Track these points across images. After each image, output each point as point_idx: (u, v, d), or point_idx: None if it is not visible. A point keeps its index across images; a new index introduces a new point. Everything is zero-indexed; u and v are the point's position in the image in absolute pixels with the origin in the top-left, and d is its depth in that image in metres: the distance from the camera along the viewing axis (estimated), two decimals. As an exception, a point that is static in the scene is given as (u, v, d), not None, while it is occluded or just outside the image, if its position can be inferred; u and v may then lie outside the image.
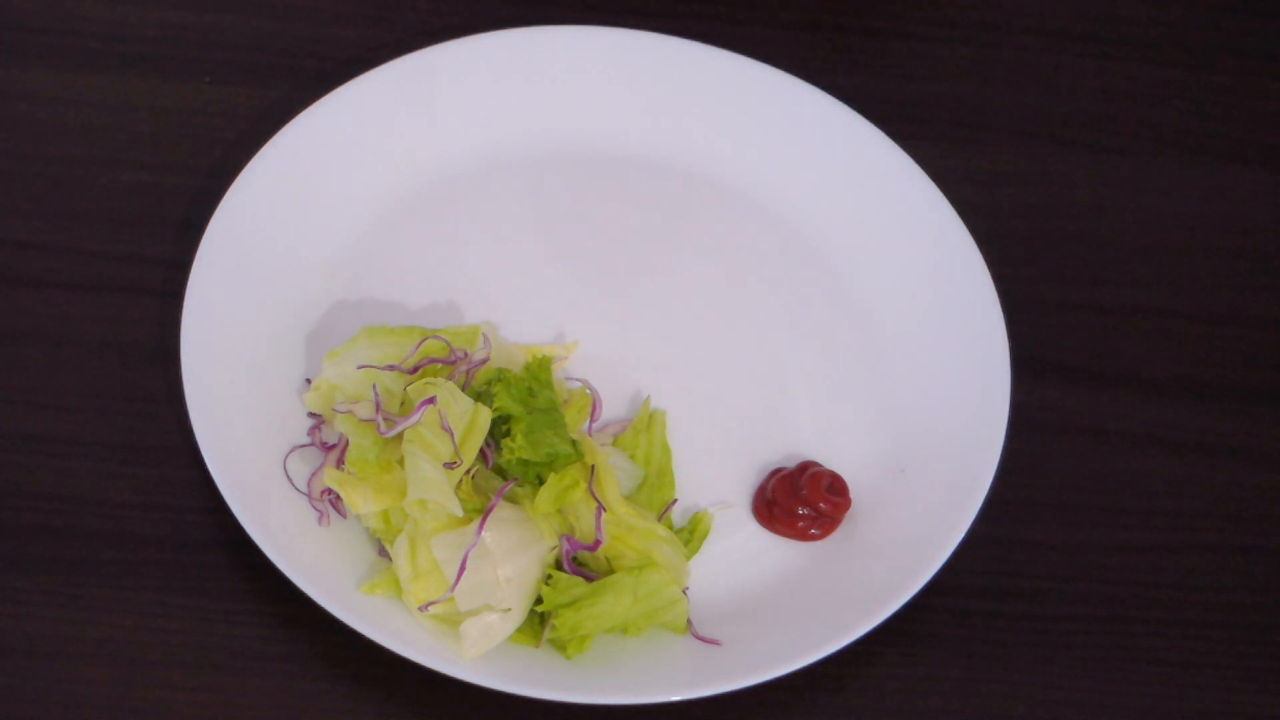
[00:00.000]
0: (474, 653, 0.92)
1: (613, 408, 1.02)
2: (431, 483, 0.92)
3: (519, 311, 1.05)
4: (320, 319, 1.04)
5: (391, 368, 0.97)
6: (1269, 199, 1.17)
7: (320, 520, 0.97)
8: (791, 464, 1.02)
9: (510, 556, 0.93)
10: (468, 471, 0.95)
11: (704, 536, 0.99)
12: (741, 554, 1.00)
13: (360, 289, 1.05)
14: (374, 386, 0.96)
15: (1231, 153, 1.18)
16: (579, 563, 0.95)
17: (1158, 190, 1.16)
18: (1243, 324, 1.11)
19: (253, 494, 0.95)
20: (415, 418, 0.94)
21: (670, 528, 0.98)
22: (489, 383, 0.97)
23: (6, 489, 0.98)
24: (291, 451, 0.98)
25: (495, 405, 0.96)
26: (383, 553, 0.96)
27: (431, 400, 0.94)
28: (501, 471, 0.96)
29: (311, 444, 0.99)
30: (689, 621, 0.96)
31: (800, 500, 1.00)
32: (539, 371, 0.98)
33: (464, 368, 0.99)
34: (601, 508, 0.95)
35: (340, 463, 0.96)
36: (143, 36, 1.14)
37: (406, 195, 1.09)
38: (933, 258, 1.08)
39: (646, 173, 1.10)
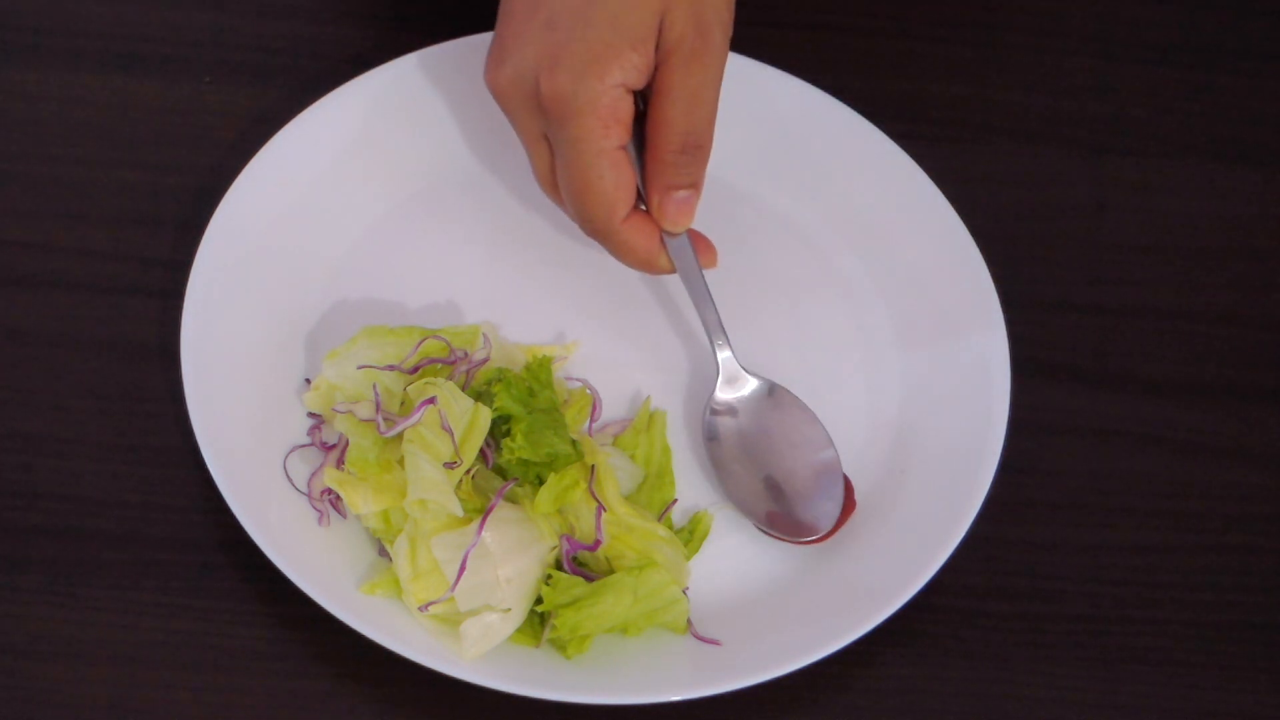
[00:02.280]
0: (474, 653, 0.92)
1: (613, 408, 1.02)
2: (431, 483, 0.92)
3: (519, 311, 1.05)
4: (320, 319, 1.04)
5: (391, 368, 0.97)
6: (1269, 199, 1.17)
7: (320, 520, 0.97)
8: (791, 464, 1.02)
9: (510, 556, 0.93)
10: (468, 471, 0.95)
11: (704, 536, 0.99)
12: (741, 554, 1.00)
13: (360, 289, 1.05)
14: (374, 386, 0.96)
15: (1231, 153, 1.18)
16: (579, 563, 0.95)
17: (1158, 190, 1.16)
18: (1243, 324, 1.11)
19: (253, 494, 0.95)
20: (415, 418, 0.94)
21: (670, 528, 0.98)
22: (489, 383, 0.97)
23: (6, 489, 0.98)
24: (291, 451, 0.98)
25: (495, 405, 0.96)
26: (383, 553, 0.96)
27: (431, 400, 0.94)
28: (501, 471, 0.96)
29: (311, 444, 0.99)
30: (689, 621, 0.96)
31: (801, 501, 1.00)
32: (539, 371, 0.98)
33: (464, 368, 0.99)
34: (601, 508, 0.95)
35: (340, 463, 0.96)
36: (143, 36, 1.14)
37: (407, 195, 1.09)
38: (933, 258, 1.08)
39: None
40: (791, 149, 1.11)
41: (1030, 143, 1.17)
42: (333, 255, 1.06)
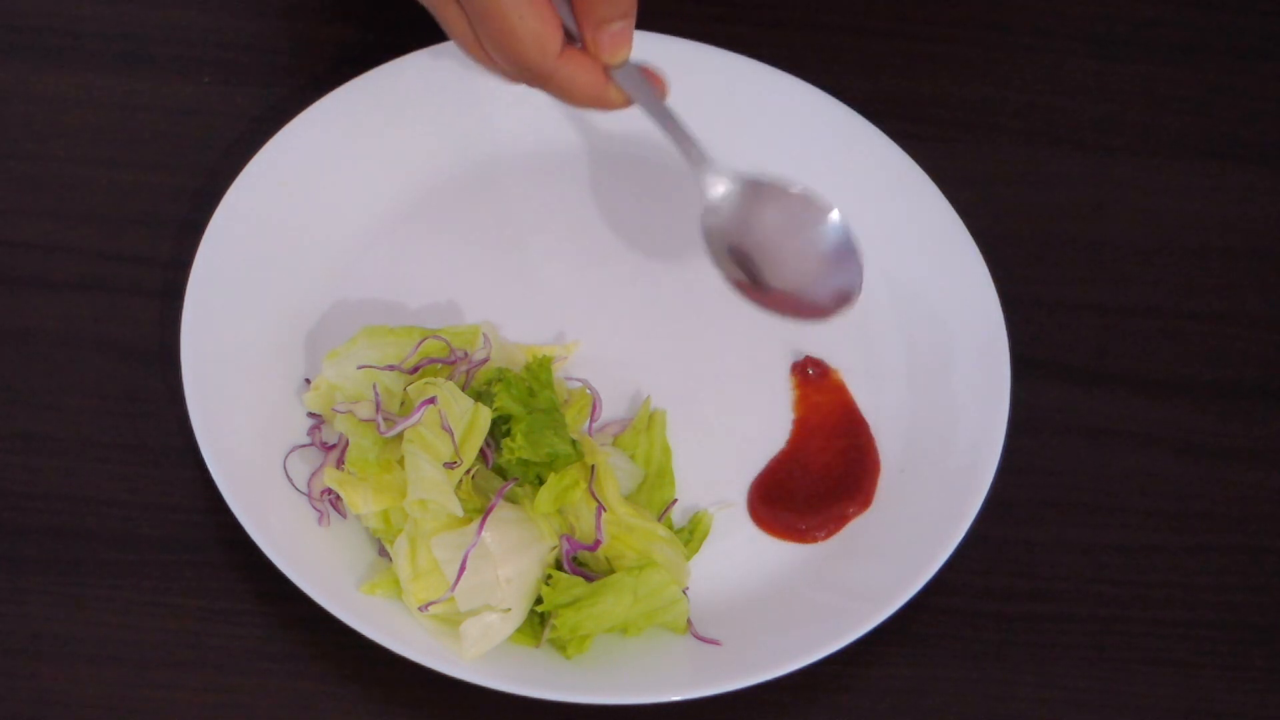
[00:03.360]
0: (474, 653, 0.92)
1: (613, 408, 1.02)
2: (431, 483, 0.92)
3: (519, 311, 1.05)
4: (320, 319, 1.04)
5: (391, 368, 0.97)
6: (1269, 199, 1.17)
7: (320, 520, 0.97)
8: (791, 464, 1.02)
9: (510, 556, 0.93)
10: (468, 471, 0.95)
11: (704, 536, 0.99)
12: (741, 554, 1.00)
13: (360, 289, 1.05)
14: (374, 386, 0.96)
15: (1231, 153, 1.18)
16: (579, 563, 0.95)
17: (1158, 190, 1.16)
18: (1243, 324, 1.11)
19: (253, 494, 0.95)
20: (415, 418, 0.94)
21: (670, 528, 0.98)
22: (489, 383, 0.97)
23: (6, 489, 0.98)
24: (291, 451, 0.98)
25: (495, 405, 0.96)
26: (383, 553, 0.96)
27: (431, 400, 0.94)
28: (501, 471, 0.96)
29: (311, 444, 0.99)
30: (689, 621, 0.96)
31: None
32: (539, 371, 0.98)
33: (464, 368, 0.99)
34: (601, 508, 0.95)
35: (340, 463, 0.96)
36: (143, 36, 1.14)
37: (406, 195, 1.09)
38: (933, 258, 1.08)
39: (647, 172, 1.10)
40: (791, 148, 1.11)
41: (1030, 143, 1.17)
42: (333, 255, 1.06)
